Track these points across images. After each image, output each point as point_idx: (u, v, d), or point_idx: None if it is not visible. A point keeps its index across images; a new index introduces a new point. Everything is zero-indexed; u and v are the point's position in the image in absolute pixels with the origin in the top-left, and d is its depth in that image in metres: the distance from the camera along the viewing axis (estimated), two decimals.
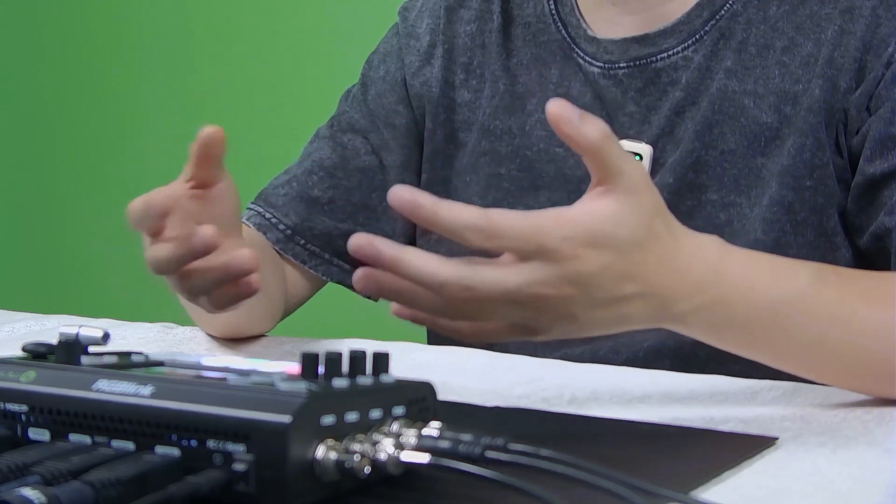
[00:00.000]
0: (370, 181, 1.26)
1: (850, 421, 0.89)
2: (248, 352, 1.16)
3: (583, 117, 0.80)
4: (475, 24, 1.25)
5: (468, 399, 0.94)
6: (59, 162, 2.96)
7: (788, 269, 0.92)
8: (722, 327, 0.88)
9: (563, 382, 1.00)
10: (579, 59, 1.19)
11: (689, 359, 1.11)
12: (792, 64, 1.12)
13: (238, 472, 0.66)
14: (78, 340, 0.76)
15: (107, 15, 2.87)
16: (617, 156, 0.81)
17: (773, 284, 0.89)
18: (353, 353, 0.72)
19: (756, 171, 1.13)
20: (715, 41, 1.15)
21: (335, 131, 1.28)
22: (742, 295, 0.87)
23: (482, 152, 1.22)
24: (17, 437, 0.72)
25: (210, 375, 0.73)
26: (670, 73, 1.15)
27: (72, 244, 2.92)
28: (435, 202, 0.78)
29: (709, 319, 0.87)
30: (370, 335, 1.10)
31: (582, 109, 1.16)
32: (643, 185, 0.83)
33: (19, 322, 1.27)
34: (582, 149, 0.81)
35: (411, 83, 1.26)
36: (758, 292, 0.88)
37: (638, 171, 0.83)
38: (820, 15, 1.12)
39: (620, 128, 1.16)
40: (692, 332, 0.89)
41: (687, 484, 0.73)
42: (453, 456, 0.68)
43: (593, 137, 0.80)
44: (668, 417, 0.90)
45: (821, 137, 1.11)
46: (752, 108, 1.13)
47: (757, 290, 0.88)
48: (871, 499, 0.73)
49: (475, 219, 0.78)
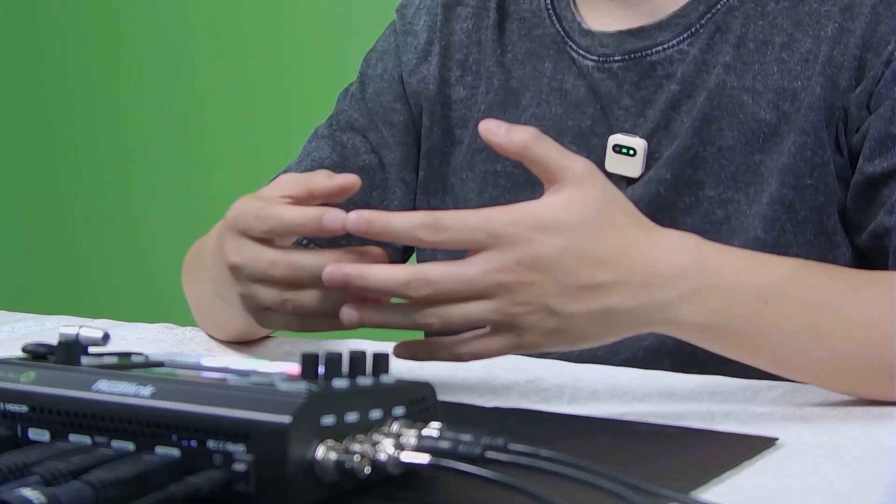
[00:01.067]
0: (370, 180, 1.26)
1: (850, 421, 0.89)
2: (248, 352, 1.16)
3: (509, 127, 0.86)
4: (472, 21, 1.25)
5: (468, 399, 0.94)
6: (59, 162, 2.96)
7: (770, 259, 0.94)
8: (711, 320, 0.88)
9: (563, 382, 1.00)
10: (573, 53, 1.19)
11: (688, 358, 1.10)
12: (791, 61, 1.12)
13: (238, 472, 0.66)
14: (78, 341, 0.76)
15: (107, 15, 2.87)
16: (553, 154, 0.86)
17: (757, 272, 0.90)
18: (353, 353, 0.72)
19: (754, 168, 1.13)
20: (711, 35, 1.15)
21: (334, 130, 1.28)
22: (728, 282, 0.88)
23: (478, 149, 1.22)
24: (17, 438, 0.72)
25: (210, 376, 0.73)
26: (665, 66, 1.15)
27: (72, 244, 2.92)
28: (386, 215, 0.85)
29: (698, 308, 0.87)
30: (370, 335, 1.10)
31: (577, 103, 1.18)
32: (589, 177, 0.87)
33: (19, 322, 1.27)
34: (515, 154, 0.87)
35: (408, 81, 1.26)
36: (744, 280, 0.89)
37: (581, 165, 0.87)
38: (819, 12, 1.12)
39: (615, 121, 1.16)
40: (683, 330, 0.89)
41: (687, 484, 0.73)
42: (453, 456, 0.68)
43: (521, 140, 0.86)
44: (667, 417, 0.90)
45: (821, 136, 1.11)
46: (751, 104, 1.13)
47: (742, 278, 0.89)
48: (871, 499, 0.73)
49: (422, 217, 0.84)
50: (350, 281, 0.85)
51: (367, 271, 0.85)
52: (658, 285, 0.86)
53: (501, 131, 0.87)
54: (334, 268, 0.85)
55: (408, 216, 0.85)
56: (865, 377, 0.92)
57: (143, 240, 2.78)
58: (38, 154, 2.99)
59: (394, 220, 0.85)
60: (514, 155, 0.88)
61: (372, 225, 0.85)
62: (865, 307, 0.92)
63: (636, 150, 1.15)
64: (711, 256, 0.89)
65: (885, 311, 0.91)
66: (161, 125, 2.81)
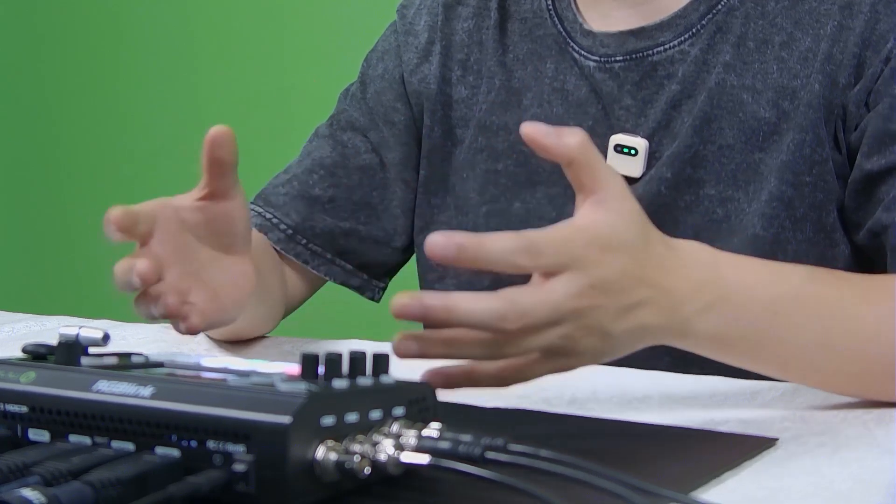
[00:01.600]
0: (371, 179, 1.26)
1: (850, 421, 0.89)
2: (248, 352, 1.16)
3: (558, 131, 0.81)
4: (473, 21, 1.25)
5: (468, 399, 0.94)
6: (59, 162, 2.96)
7: (782, 268, 0.93)
8: (726, 330, 0.87)
9: (563, 382, 1.00)
10: (574, 53, 1.19)
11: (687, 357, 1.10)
12: (790, 59, 1.12)
13: (238, 472, 0.66)
14: (78, 341, 0.76)
15: (107, 15, 2.87)
16: (600, 161, 0.82)
17: (770, 282, 0.89)
18: (353, 353, 0.72)
19: (754, 167, 1.13)
20: (712, 35, 1.15)
21: (335, 130, 1.28)
22: (741, 294, 0.87)
23: (479, 148, 1.22)
24: (17, 438, 0.72)
25: (210, 376, 0.73)
26: (667, 66, 1.15)
27: (72, 244, 2.92)
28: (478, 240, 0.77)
29: (713, 322, 0.86)
30: (370, 335, 1.10)
31: (578, 103, 1.18)
32: (627, 192, 0.83)
33: (19, 322, 1.27)
34: (568, 158, 0.81)
35: (409, 80, 1.26)
36: (756, 291, 0.88)
37: (619, 179, 0.83)
38: (819, 11, 1.12)
39: (617, 121, 1.16)
40: (698, 343, 0.88)
41: (687, 484, 0.73)
42: (453, 456, 0.68)
43: (576, 143, 0.81)
44: (667, 418, 0.90)
45: (820, 133, 1.11)
46: (751, 102, 1.13)
47: (755, 289, 0.88)
48: (871, 499, 0.73)
49: (519, 243, 0.77)
50: (429, 314, 0.76)
51: (452, 303, 0.76)
52: (681, 301, 0.84)
53: (553, 133, 0.81)
54: (411, 299, 0.76)
55: (501, 241, 0.77)
56: (870, 381, 0.92)
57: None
58: (38, 154, 2.99)
59: (488, 246, 0.77)
60: (560, 158, 0.81)
61: (464, 251, 0.76)
62: (873, 314, 0.91)
63: (637, 150, 1.15)
64: (726, 269, 0.87)
65: (892, 317, 0.91)
66: (161, 125, 2.81)
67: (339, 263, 1.26)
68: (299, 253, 1.24)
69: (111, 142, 2.89)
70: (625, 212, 0.82)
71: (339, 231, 1.25)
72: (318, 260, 1.25)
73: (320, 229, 1.25)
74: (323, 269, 1.25)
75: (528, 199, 1.20)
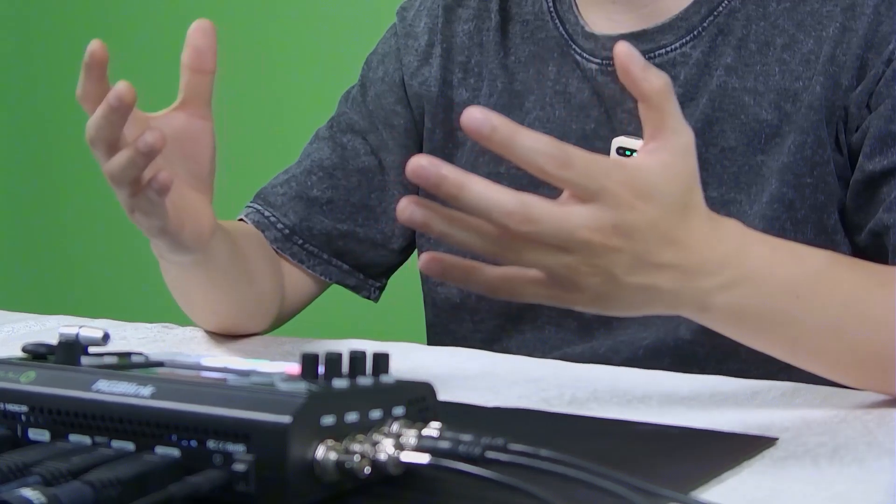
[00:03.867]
0: (369, 181, 1.26)
1: (850, 421, 0.89)
2: (248, 352, 1.16)
3: (647, 65, 0.79)
4: (473, 23, 1.25)
5: (468, 399, 0.94)
6: (58, 162, 2.96)
7: (806, 252, 0.91)
8: (742, 308, 0.86)
9: (563, 382, 1.00)
10: (577, 56, 1.19)
11: (687, 357, 1.11)
12: (792, 61, 1.12)
13: (238, 472, 0.66)
14: (78, 341, 0.76)
15: (106, 15, 2.87)
16: (675, 112, 0.81)
17: (793, 265, 0.88)
18: (353, 353, 0.72)
19: (756, 169, 1.13)
20: (713, 37, 1.15)
21: (334, 132, 1.29)
22: (763, 274, 0.86)
23: (481, 151, 1.22)
24: (17, 438, 0.72)
25: (210, 376, 0.73)
26: (668, 69, 1.15)
27: (72, 244, 2.92)
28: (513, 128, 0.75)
29: (731, 299, 0.85)
30: (370, 335, 1.10)
31: (581, 106, 1.18)
32: (692, 149, 0.82)
33: (19, 322, 1.27)
34: (645, 96, 0.80)
35: (410, 83, 1.26)
36: (779, 272, 0.87)
37: (688, 135, 0.82)
38: (821, 12, 1.12)
39: (619, 124, 1.16)
40: (712, 317, 0.86)
41: (687, 484, 0.73)
42: (453, 456, 0.68)
43: (658, 85, 0.79)
44: (667, 417, 0.90)
45: (821, 135, 1.11)
46: (753, 105, 1.13)
47: (778, 270, 0.87)
48: (871, 499, 0.73)
49: (552, 148, 0.76)
50: (442, 184, 0.75)
51: (468, 181, 0.75)
52: (704, 273, 0.83)
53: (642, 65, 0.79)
54: (427, 163, 0.74)
55: (536, 139, 0.76)
56: (877, 371, 0.92)
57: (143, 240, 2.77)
58: (38, 154, 2.99)
59: (521, 138, 0.75)
60: (637, 93, 0.80)
61: (497, 133, 0.75)
62: (889, 304, 0.91)
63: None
64: (753, 247, 0.86)
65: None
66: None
67: (335, 264, 1.26)
68: (295, 253, 1.24)
69: None
70: (676, 167, 0.81)
71: (337, 232, 1.25)
72: (314, 260, 1.25)
73: (318, 230, 1.25)
74: (319, 269, 1.25)
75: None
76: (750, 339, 0.90)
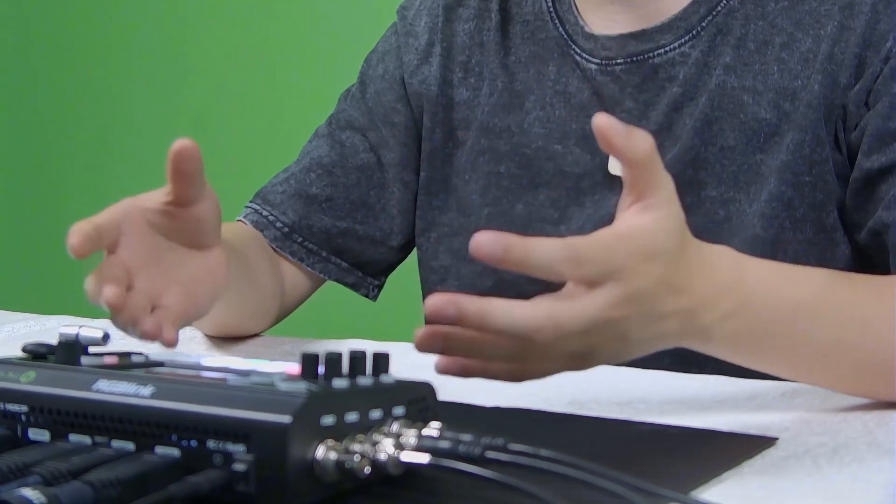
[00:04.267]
0: (368, 179, 1.26)
1: (850, 421, 0.89)
2: (248, 352, 1.16)
3: (629, 130, 0.78)
4: (473, 23, 1.25)
5: (468, 399, 0.94)
6: (58, 162, 2.96)
7: (803, 273, 0.91)
8: (743, 336, 0.86)
9: (563, 382, 1.00)
10: (576, 56, 1.19)
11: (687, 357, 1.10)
12: (791, 60, 1.12)
13: (238, 472, 0.66)
14: (78, 341, 0.76)
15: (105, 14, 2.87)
16: (658, 169, 0.80)
17: (791, 288, 0.88)
18: (353, 353, 0.72)
19: (755, 168, 1.13)
20: (712, 37, 1.15)
21: (334, 129, 1.29)
22: (763, 300, 0.86)
23: (481, 150, 1.23)
24: (17, 437, 0.72)
25: (210, 376, 0.73)
26: (668, 68, 1.15)
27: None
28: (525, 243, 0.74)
29: (731, 328, 0.85)
30: (370, 335, 1.10)
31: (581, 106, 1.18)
32: (674, 196, 0.81)
33: (19, 322, 1.27)
34: (633, 162, 0.79)
35: (409, 81, 1.26)
36: (778, 296, 0.87)
37: (670, 181, 0.81)
38: (819, 11, 1.12)
39: None
40: (714, 347, 0.86)
41: (687, 484, 0.73)
42: (453, 456, 0.68)
43: (644, 149, 0.78)
44: (667, 417, 0.90)
45: (820, 133, 1.11)
46: (751, 104, 1.13)
47: (777, 295, 0.87)
48: (871, 499, 0.73)
49: (564, 251, 0.75)
50: (464, 319, 0.74)
51: (489, 308, 0.74)
52: (703, 308, 0.83)
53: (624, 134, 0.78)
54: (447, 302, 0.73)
55: (548, 248, 0.75)
56: (881, 383, 0.92)
57: None
58: (38, 154, 2.99)
59: (535, 251, 0.74)
60: (625, 160, 0.79)
61: (510, 253, 0.73)
62: (889, 316, 0.91)
63: None
64: (749, 272, 0.86)
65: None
66: (160, 126, 2.81)
67: (334, 261, 1.26)
68: (295, 251, 1.25)
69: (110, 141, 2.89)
70: (669, 219, 0.80)
71: (336, 230, 1.25)
72: (313, 258, 1.25)
73: (317, 228, 1.25)
74: (318, 266, 1.25)
75: (531, 202, 1.20)
76: (753, 362, 0.90)
